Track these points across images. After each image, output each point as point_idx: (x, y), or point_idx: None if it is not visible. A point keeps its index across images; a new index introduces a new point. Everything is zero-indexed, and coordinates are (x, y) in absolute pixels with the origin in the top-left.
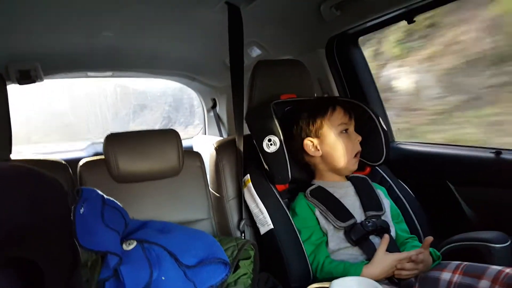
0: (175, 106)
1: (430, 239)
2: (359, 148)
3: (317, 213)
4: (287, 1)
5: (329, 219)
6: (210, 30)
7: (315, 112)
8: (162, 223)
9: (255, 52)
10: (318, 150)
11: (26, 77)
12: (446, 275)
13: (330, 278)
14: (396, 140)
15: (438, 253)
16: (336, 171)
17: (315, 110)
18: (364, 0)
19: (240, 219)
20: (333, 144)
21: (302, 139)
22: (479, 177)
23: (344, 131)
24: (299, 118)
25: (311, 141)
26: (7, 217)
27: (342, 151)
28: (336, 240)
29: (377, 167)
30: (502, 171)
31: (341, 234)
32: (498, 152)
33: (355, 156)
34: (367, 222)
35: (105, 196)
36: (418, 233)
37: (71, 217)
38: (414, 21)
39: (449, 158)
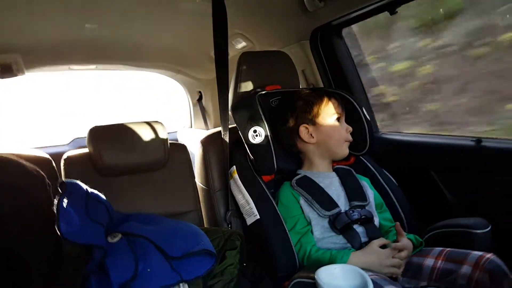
0: (159, 98)
1: (397, 224)
2: (350, 138)
3: (302, 201)
4: None
5: (313, 207)
6: (195, 21)
7: (312, 100)
8: (147, 216)
9: (240, 44)
10: (313, 137)
11: (8, 71)
12: (429, 261)
13: (317, 266)
14: (380, 130)
15: (421, 240)
16: (329, 156)
17: (311, 98)
18: None
19: (227, 210)
20: (328, 131)
21: (298, 126)
22: (460, 165)
23: (337, 120)
24: (295, 106)
25: (307, 128)
26: None
27: (336, 137)
28: (321, 229)
29: (361, 157)
30: (482, 158)
31: (325, 223)
32: (478, 140)
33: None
34: (351, 212)
35: (89, 189)
36: (401, 221)
37: (54, 210)
38: (397, 12)
39: (431, 147)
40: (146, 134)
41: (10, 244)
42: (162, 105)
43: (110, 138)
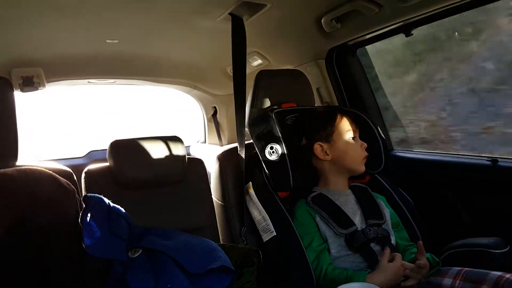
0: (173, 114)
1: (420, 243)
2: (366, 153)
3: (318, 219)
4: (289, 13)
5: (330, 225)
6: (213, 38)
7: (325, 118)
8: (166, 230)
9: (256, 61)
10: (328, 154)
11: (29, 84)
12: (447, 281)
13: (333, 286)
14: (394, 148)
15: (437, 259)
16: (344, 173)
17: (325, 116)
18: (363, 14)
19: (243, 226)
20: (343, 148)
21: (312, 144)
22: (476, 184)
23: (352, 138)
24: (310, 124)
25: (321, 145)
26: (26, 218)
27: (352, 154)
28: (337, 247)
29: (376, 175)
30: (499, 178)
31: (341, 241)
32: (494, 160)
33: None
34: (368, 230)
35: (111, 203)
36: (418, 240)
37: (80, 223)
38: (412, 34)
39: (446, 166)
40: (165, 149)
41: (37, 255)
42: (175, 120)
43: (131, 152)
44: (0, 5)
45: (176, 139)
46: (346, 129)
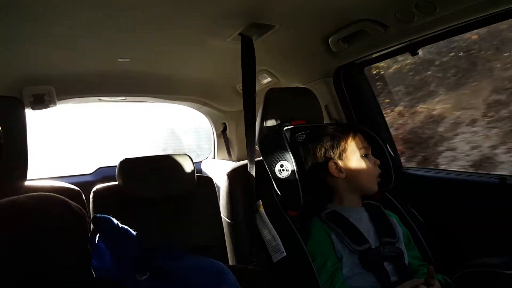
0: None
1: (431, 268)
2: (379, 170)
3: (333, 236)
4: (297, 34)
5: (345, 242)
6: (223, 57)
7: (338, 136)
8: (175, 251)
9: (266, 79)
10: (342, 172)
11: (40, 102)
12: None
13: None
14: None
15: (449, 280)
16: (359, 191)
17: (338, 133)
18: (370, 34)
19: (252, 246)
20: (357, 166)
21: (326, 162)
22: (486, 203)
23: (365, 156)
24: (322, 142)
25: (335, 163)
26: (35, 245)
27: (365, 172)
28: (350, 265)
29: (386, 193)
30: (507, 196)
31: (355, 258)
32: (503, 178)
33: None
34: (382, 248)
35: (119, 224)
36: (429, 259)
37: (88, 246)
38: (418, 53)
39: (456, 184)
40: (174, 167)
41: (45, 278)
42: (184, 137)
43: (140, 170)
44: (12, 24)
45: (185, 157)
46: (359, 147)
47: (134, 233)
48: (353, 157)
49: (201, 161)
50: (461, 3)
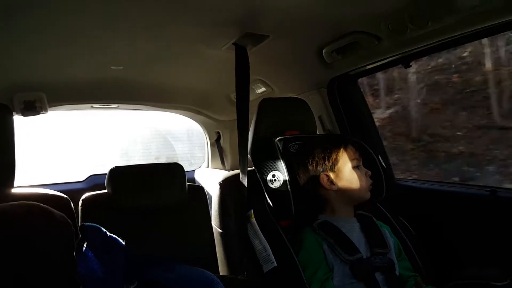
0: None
1: (418, 279)
2: (371, 181)
3: (325, 247)
4: (291, 45)
5: (336, 252)
6: (218, 66)
7: (330, 147)
8: (164, 260)
9: (260, 89)
10: (334, 184)
11: (31, 108)
12: None
13: None
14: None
15: None
16: (351, 202)
17: (329, 145)
18: (364, 46)
19: (243, 256)
20: (348, 178)
21: (318, 174)
22: (476, 214)
23: (356, 167)
24: (314, 153)
25: (327, 175)
26: (18, 256)
27: (357, 183)
28: (341, 275)
29: (379, 205)
30: (497, 209)
31: (346, 269)
32: (493, 190)
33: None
34: (373, 258)
35: (108, 233)
36: (420, 271)
37: (75, 256)
38: (411, 65)
39: (446, 196)
40: (165, 176)
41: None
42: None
43: (131, 179)
44: (3, 31)
45: (177, 166)
46: (351, 158)
47: (123, 242)
48: (344, 168)
49: (194, 170)
50: (453, 17)
